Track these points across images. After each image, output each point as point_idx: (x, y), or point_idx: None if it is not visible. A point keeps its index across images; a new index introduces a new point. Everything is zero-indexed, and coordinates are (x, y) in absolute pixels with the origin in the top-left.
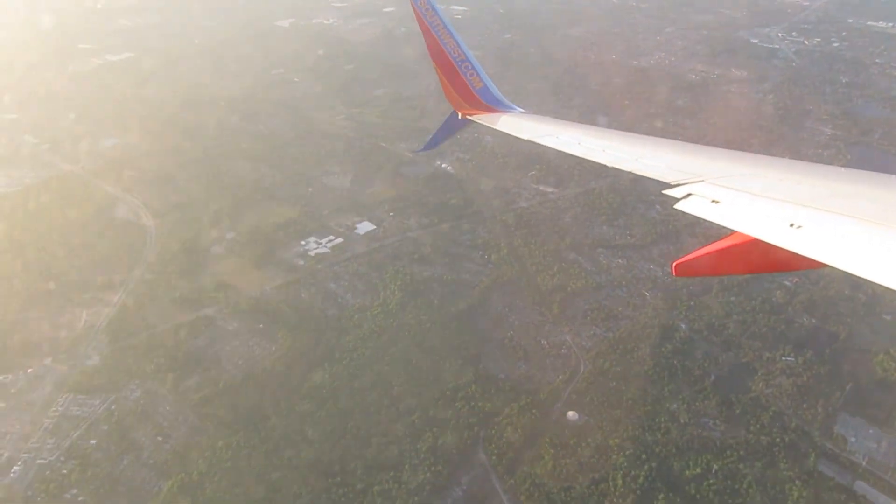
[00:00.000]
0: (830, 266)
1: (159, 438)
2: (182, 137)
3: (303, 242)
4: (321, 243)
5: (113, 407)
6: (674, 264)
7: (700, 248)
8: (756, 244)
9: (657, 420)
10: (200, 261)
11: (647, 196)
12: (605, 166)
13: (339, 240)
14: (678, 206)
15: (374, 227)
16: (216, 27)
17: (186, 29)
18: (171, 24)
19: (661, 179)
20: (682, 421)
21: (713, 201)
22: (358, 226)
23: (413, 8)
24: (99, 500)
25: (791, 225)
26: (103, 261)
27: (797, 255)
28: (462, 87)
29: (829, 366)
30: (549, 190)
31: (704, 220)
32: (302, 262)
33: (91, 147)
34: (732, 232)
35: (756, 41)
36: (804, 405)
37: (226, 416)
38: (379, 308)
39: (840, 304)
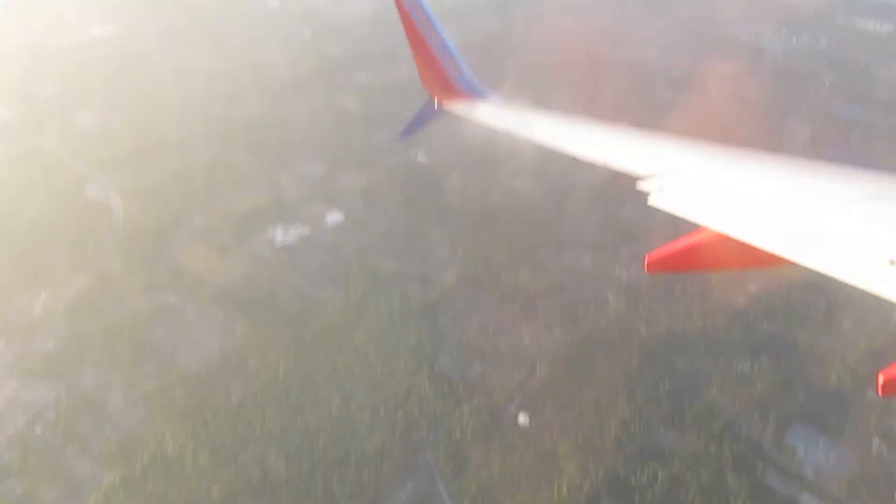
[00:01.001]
0: (799, 264)
1: (106, 429)
2: (159, 117)
3: (270, 231)
4: (288, 233)
5: (63, 394)
6: (646, 259)
7: (672, 243)
8: (727, 240)
9: (607, 426)
10: (165, 246)
11: (619, 193)
12: (580, 160)
13: (307, 230)
14: (650, 200)
15: (343, 217)
16: (206, 4)
17: (176, 5)
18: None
19: (634, 173)
20: (632, 429)
21: (686, 195)
22: (326, 216)
23: None
24: (36, 492)
25: (762, 220)
26: (68, 241)
27: (766, 251)
28: (439, 75)
29: (785, 373)
30: (522, 184)
31: (676, 221)
32: (267, 252)
33: (65, 123)
34: (704, 227)
35: (744, 37)
36: (756, 414)
37: (175, 408)
38: (341, 302)
39: (800, 311)
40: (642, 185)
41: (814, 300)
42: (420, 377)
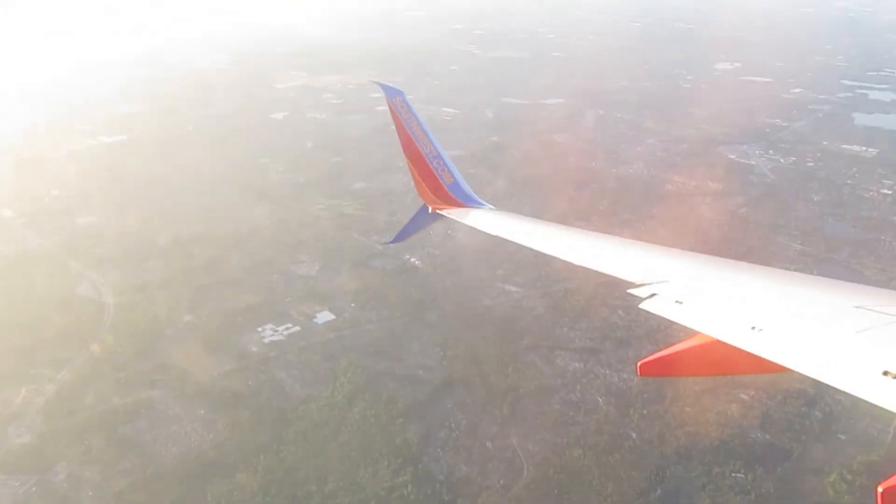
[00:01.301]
0: (790, 370)
1: None
2: (159, 220)
3: (259, 329)
4: (277, 331)
5: (33, 489)
6: (639, 363)
7: (664, 348)
8: (718, 345)
9: None
10: (153, 342)
11: (611, 299)
12: (572, 267)
13: (297, 328)
14: (642, 305)
15: (334, 317)
16: (213, 115)
17: (185, 117)
18: (172, 111)
19: (626, 279)
20: None
21: (677, 302)
22: (317, 315)
23: (388, 105)
24: None
25: (752, 327)
26: (55, 337)
27: (758, 357)
28: (433, 183)
29: (780, 484)
30: (515, 289)
31: (666, 328)
32: (255, 349)
33: (66, 223)
34: (696, 333)
35: (734, 157)
36: None
37: None
38: (326, 400)
39: (795, 421)
40: (635, 291)
41: (808, 410)
42: (403, 477)
